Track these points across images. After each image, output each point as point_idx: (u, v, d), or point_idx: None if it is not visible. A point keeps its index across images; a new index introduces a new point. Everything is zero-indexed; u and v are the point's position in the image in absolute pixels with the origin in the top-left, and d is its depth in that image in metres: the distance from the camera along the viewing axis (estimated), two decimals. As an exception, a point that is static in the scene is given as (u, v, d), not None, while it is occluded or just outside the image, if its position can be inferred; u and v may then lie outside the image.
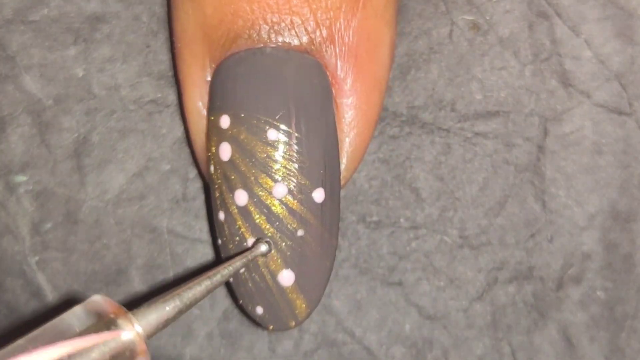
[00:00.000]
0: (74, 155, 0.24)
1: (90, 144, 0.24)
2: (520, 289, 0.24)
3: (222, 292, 0.24)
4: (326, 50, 0.20)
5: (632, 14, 0.24)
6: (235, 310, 0.24)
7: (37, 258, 0.24)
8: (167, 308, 0.17)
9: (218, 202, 0.20)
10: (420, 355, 0.24)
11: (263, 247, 0.19)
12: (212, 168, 0.20)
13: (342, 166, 0.21)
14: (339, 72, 0.20)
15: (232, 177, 0.20)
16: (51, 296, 0.24)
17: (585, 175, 0.24)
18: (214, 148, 0.20)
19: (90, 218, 0.24)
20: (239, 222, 0.20)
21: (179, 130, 0.24)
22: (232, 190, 0.20)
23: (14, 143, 0.24)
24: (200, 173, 0.24)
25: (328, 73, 0.20)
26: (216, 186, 0.20)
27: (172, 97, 0.24)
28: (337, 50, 0.20)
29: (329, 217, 0.20)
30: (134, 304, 0.17)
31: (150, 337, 0.16)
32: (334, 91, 0.20)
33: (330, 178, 0.20)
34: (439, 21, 0.24)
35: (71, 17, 0.24)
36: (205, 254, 0.24)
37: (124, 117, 0.24)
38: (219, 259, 0.24)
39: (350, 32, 0.20)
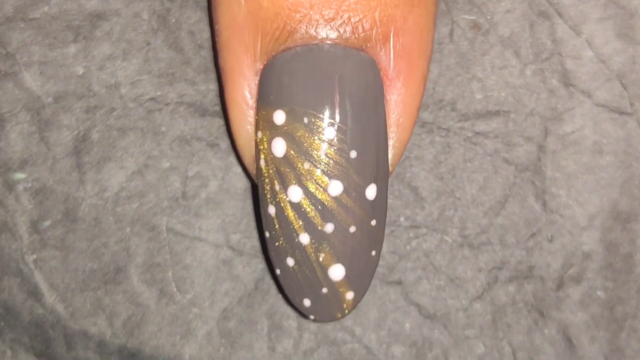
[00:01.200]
0: (74, 153, 0.24)
1: (90, 142, 0.24)
2: (520, 288, 0.24)
3: (221, 291, 0.24)
4: (381, 48, 0.20)
5: (633, 13, 0.24)
6: (235, 309, 0.24)
7: (34, 256, 0.24)
8: None
9: (268, 196, 0.20)
10: (420, 355, 0.24)
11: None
12: (262, 162, 0.20)
13: (389, 162, 0.21)
14: (391, 70, 0.20)
15: (286, 173, 0.20)
16: (48, 295, 0.24)
17: (585, 175, 0.24)
18: (266, 142, 0.20)
19: (90, 216, 0.24)
20: (292, 218, 0.20)
21: (178, 129, 0.24)
22: (285, 186, 0.20)
23: (13, 140, 0.24)
24: (241, 164, 0.24)
25: (380, 70, 0.20)
26: (267, 180, 0.20)
27: (171, 95, 0.24)
28: (392, 47, 0.20)
29: (379, 213, 0.21)
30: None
31: None
32: (385, 88, 0.20)
33: (381, 174, 0.20)
34: (439, 20, 0.24)
35: (71, 14, 0.24)
36: (204, 252, 0.24)
37: (123, 115, 0.24)
38: (265, 252, 0.24)
39: (406, 30, 0.20)
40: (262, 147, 0.20)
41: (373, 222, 0.20)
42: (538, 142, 0.24)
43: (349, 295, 0.21)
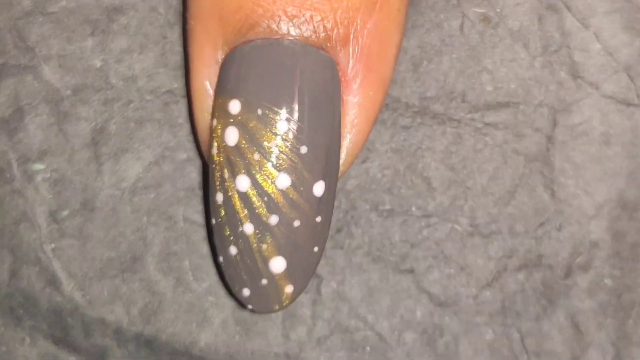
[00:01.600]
0: (92, 144, 0.25)
1: (108, 133, 0.25)
2: (529, 276, 0.25)
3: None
4: (340, 49, 0.20)
5: (640, 7, 0.24)
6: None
7: (53, 245, 0.25)
8: None
9: (217, 183, 0.20)
10: (431, 341, 0.25)
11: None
12: (214, 149, 0.20)
13: (340, 161, 0.21)
14: (349, 71, 0.20)
15: (236, 162, 0.20)
16: (66, 283, 0.25)
17: (593, 165, 0.24)
18: (219, 130, 0.20)
19: (107, 206, 0.25)
20: (238, 207, 0.20)
21: (194, 120, 0.25)
22: (234, 175, 0.20)
23: (32, 132, 0.25)
24: (199, 150, 0.24)
25: (339, 71, 0.20)
26: (217, 167, 0.20)
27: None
28: (351, 50, 0.20)
29: (324, 210, 0.21)
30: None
31: None
32: (342, 88, 0.21)
33: (330, 172, 0.21)
34: (450, 14, 0.25)
35: (89, 8, 0.25)
36: (220, 241, 0.25)
37: (140, 107, 0.25)
38: (211, 238, 0.24)
39: (365, 33, 0.20)
40: (215, 134, 0.20)
41: (318, 219, 0.21)
42: (547, 133, 0.25)
43: (289, 288, 0.21)
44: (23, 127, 0.25)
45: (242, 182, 0.20)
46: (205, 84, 0.21)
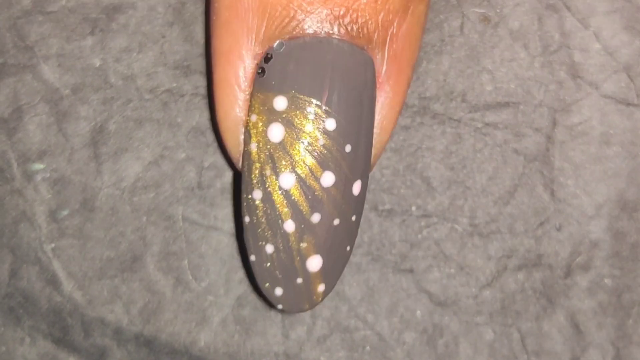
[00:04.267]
0: (91, 143, 0.25)
1: (107, 133, 0.25)
2: (529, 276, 0.25)
3: (236, 279, 0.25)
4: (379, 51, 0.20)
5: (639, 7, 0.24)
6: (249, 296, 0.25)
7: (52, 245, 0.25)
8: None
9: (255, 180, 0.20)
10: (431, 341, 0.25)
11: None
12: (253, 146, 0.20)
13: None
14: (383, 72, 0.21)
15: (280, 158, 0.20)
16: (66, 283, 0.25)
17: (593, 165, 0.24)
18: (261, 127, 0.20)
19: (107, 206, 0.25)
20: (279, 203, 0.20)
21: (194, 120, 0.25)
22: (277, 172, 0.20)
23: (32, 132, 0.25)
24: (221, 146, 0.24)
25: (376, 71, 0.21)
26: (257, 165, 0.20)
27: (187, 87, 0.25)
28: (387, 52, 0.20)
29: (359, 209, 0.21)
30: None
31: None
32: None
33: (366, 172, 0.21)
34: (450, 14, 0.25)
35: (88, 7, 0.25)
36: (220, 240, 0.25)
37: (140, 107, 0.25)
38: (240, 238, 0.24)
39: (399, 36, 0.20)
40: (254, 130, 0.20)
41: (353, 218, 0.21)
42: (546, 132, 0.25)
43: (321, 287, 0.21)
44: (22, 126, 0.25)
45: (287, 180, 0.20)
46: (240, 79, 0.21)
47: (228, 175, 0.25)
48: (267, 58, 0.20)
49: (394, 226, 0.25)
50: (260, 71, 0.20)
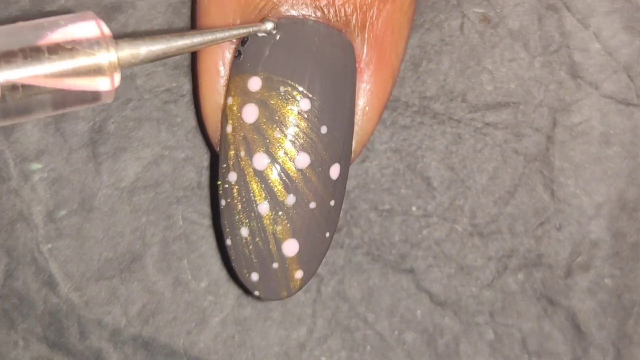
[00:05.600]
0: (90, 143, 0.24)
1: (106, 133, 0.24)
2: (529, 276, 0.25)
3: (236, 278, 0.25)
4: (358, 35, 0.20)
5: (639, 7, 0.25)
6: (250, 296, 0.24)
7: (49, 246, 0.24)
8: (152, 46, 0.17)
9: (231, 162, 0.20)
10: (431, 341, 0.24)
11: (269, 24, 0.19)
12: (229, 127, 0.20)
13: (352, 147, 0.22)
14: (364, 58, 0.20)
15: (254, 140, 0.20)
16: (63, 284, 0.24)
17: (593, 165, 0.25)
18: (236, 108, 0.20)
19: (105, 206, 0.24)
20: (254, 185, 0.20)
21: (194, 119, 0.25)
22: (251, 153, 0.20)
23: (30, 131, 0.24)
24: (204, 133, 0.24)
25: (355, 57, 0.20)
26: (232, 147, 0.20)
27: (187, 86, 0.25)
28: (367, 37, 0.20)
29: (338, 194, 0.21)
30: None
31: (125, 65, 0.17)
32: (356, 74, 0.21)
33: (345, 156, 0.21)
34: (450, 14, 0.25)
35: (88, 7, 0.25)
36: (219, 240, 0.25)
37: (139, 106, 0.25)
38: (217, 220, 0.24)
39: (380, 22, 0.20)
40: (230, 113, 0.20)
41: (332, 202, 0.21)
42: (546, 132, 0.25)
43: (298, 274, 0.21)
44: (20, 126, 0.24)
45: (260, 160, 0.20)
46: (218, 64, 0.21)
47: (228, 175, 0.25)
48: (243, 41, 0.20)
49: (394, 226, 0.25)
50: (237, 54, 0.20)
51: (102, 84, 0.17)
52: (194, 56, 0.23)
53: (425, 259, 0.25)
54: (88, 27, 0.17)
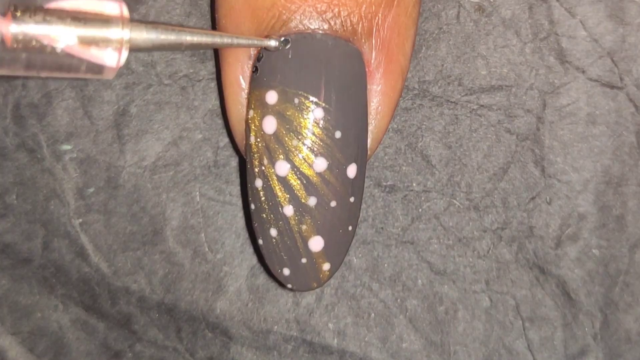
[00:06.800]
0: (114, 125, 0.26)
1: (129, 116, 0.26)
2: (522, 247, 0.26)
3: (249, 250, 0.26)
4: (365, 41, 0.22)
5: (622, -4, 0.26)
6: (262, 267, 0.26)
7: (80, 220, 0.27)
8: (162, 35, 0.19)
9: (256, 170, 0.22)
10: (431, 308, 0.26)
11: (272, 42, 0.21)
12: (252, 138, 0.22)
13: (368, 146, 0.23)
14: (372, 62, 0.22)
15: (275, 148, 0.21)
16: (93, 255, 0.26)
17: (580, 143, 0.26)
18: (257, 120, 0.22)
19: (129, 183, 0.26)
20: (277, 191, 0.22)
21: (210, 103, 0.26)
22: (273, 161, 0.21)
23: (60, 115, 0.26)
24: (232, 141, 0.26)
25: (364, 62, 0.22)
26: (256, 155, 0.22)
27: (203, 72, 0.27)
28: (374, 42, 0.22)
29: (357, 191, 0.22)
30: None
31: (135, 49, 0.18)
32: (367, 78, 0.22)
33: (361, 155, 0.22)
34: (447, 4, 0.27)
35: None
36: (234, 215, 0.26)
37: (159, 91, 0.27)
38: (249, 223, 0.26)
39: (385, 27, 0.22)
40: (252, 124, 0.22)
41: (352, 199, 0.22)
42: (537, 113, 0.26)
43: (326, 266, 0.22)
44: (51, 110, 0.26)
45: (282, 167, 0.21)
46: (239, 79, 0.22)
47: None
48: (259, 57, 0.22)
49: (397, 201, 0.26)
50: (254, 70, 0.22)
51: (109, 58, 0.18)
52: (218, 70, 0.25)
53: (425, 232, 0.26)
54: (112, 6, 0.18)
